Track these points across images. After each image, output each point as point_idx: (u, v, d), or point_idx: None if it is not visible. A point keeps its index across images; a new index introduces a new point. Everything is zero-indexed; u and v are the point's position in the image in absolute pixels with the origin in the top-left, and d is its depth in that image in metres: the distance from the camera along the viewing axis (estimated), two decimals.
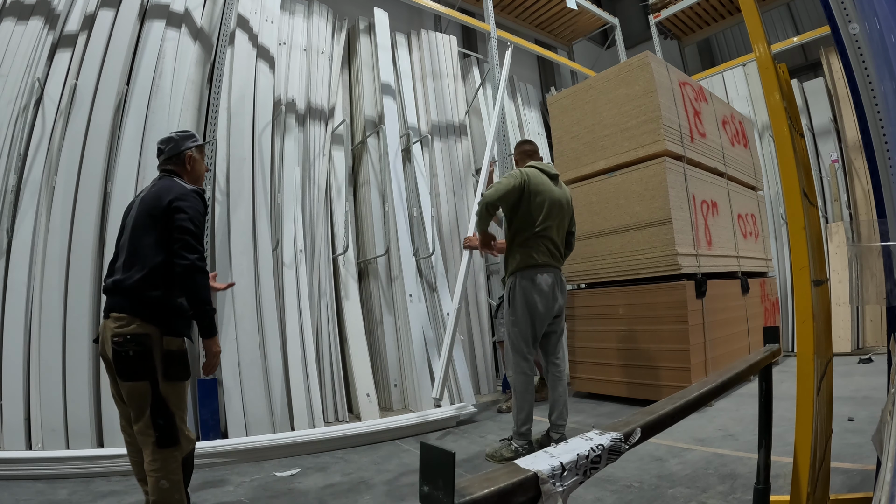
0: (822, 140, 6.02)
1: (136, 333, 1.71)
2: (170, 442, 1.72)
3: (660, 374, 3.68)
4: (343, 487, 2.42)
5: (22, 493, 2.31)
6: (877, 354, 4.79)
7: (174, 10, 3.69)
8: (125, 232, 1.87)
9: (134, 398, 1.72)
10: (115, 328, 1.71)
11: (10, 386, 2.79)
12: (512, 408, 2.87)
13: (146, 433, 1.71)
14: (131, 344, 1.70)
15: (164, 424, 1.71)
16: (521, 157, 3.19)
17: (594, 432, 0.75)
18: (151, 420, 1.70)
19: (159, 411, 1.71)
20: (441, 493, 0.48)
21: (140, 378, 1.70)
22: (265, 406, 3.30)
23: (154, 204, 1.82)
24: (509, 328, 2.87)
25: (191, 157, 2.02)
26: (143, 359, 1.70)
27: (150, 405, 1.70)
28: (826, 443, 1.78)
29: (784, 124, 1.50)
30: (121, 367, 1.71)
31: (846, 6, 1.47)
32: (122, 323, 1.72)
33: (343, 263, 4.25)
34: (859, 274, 1.35)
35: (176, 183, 1.89)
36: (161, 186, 1.88)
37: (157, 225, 1.80)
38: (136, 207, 1.89)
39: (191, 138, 2.04)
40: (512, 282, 2.87)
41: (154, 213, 1.80)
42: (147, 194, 1.90)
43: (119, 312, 1.74)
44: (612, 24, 7.52)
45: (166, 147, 2.00)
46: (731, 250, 4.44)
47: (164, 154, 2.00)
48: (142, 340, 1.71)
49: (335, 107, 4.57)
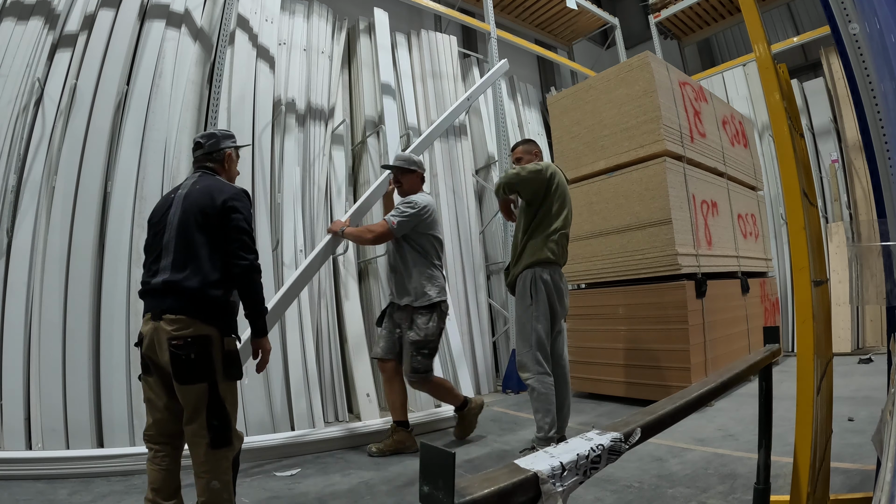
0: (822, 140, 6.02)
1: (198, 335, 1.67)
2: (224, 442, 1.69)
3: (660, 374, 3.68)
4: (343, 487, 2.42)
5: (22, 494, 2.31)
6: (877, 354, 4.79)
7: (174, 10, 3.69)
8: (168, 230, 1.78)
9: (190, 400, 1.68)
10: (173, 331, 1.66)
11: (10, 386, 2.78)
12: (536, 412, 2.68)
13: (200, 434, 1.67)
14: (193, 346, 1.65)
15: (218, 425, 1.68)
16: (533, 158, 3.08)
17: (594, 432, 0.75)
18: (207, 421, 1.67)
19: (216, 412, 1.68)
20: (441, 493, 0.48)
21: (200, 380, 1.66)
22: (265, 406, 3.30)
23: (206, 203, 1.77)
24: (529, 324, 2.71)
25: (230, 157, 2.00)
26: (204, 361, 1.67)
27: (206, 406, 1.67)
28: (826, 443, 1.78)
29: (784, 124, 1.50)
30: (181, 370, 1.65)
31: (846, 6, 1.47)
32: (180, 325, 1.66)
33: (343, 263, 4.25)
34: (859, 274, 1.35)
35: (224, 182, 1.88)
36: (209, 185, 1.83)
37: (210, 224, 1.75)
38: (178, 205, 1.81)
39: (231, 138, 2.03)
40: (531, 275, 2.75)
41: (208, 211, 1.76)
42: (192, 191, 1.83)
43: (176, 314, 1.67)
44: (612, 24, 7.52)
45: (206, 143, 1.96)
46: (731, 250, 4.45)
47: (203, 150, 1.96)
48: (203, 342, 1.67)
49: (335, 107, 4.57)
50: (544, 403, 2.63)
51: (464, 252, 4.95)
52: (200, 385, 1.66)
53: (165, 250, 1.76)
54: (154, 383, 1.75)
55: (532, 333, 2.70)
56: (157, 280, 1.73)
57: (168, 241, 1.77)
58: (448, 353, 4.22)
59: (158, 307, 1.70)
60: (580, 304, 4.28)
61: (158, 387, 1.75)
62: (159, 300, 1.71)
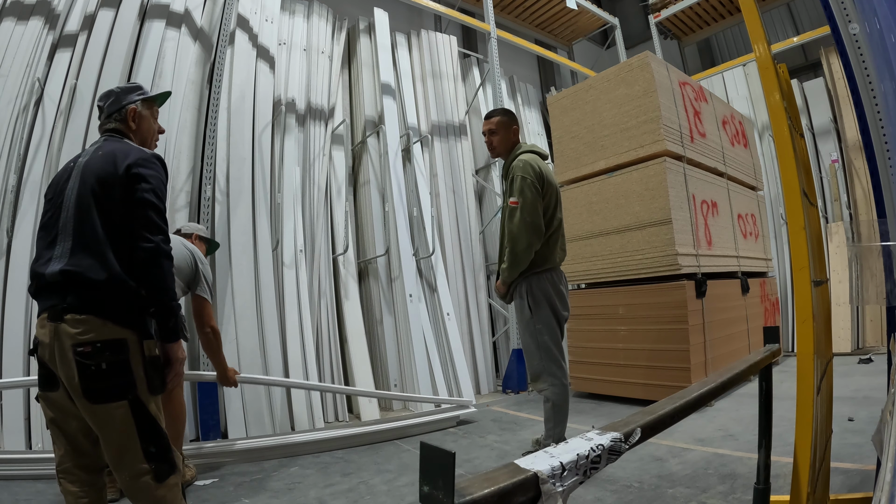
0: (822, 140, 6.02)
1: (111, 340, 1.33)
2: (169, 470, 1.38)
3: (660, 374, 3.68)
4: (343, 487, 2.42)
5: (22, 493, 2.31)
6: (877, 354, 4.79)
7: (174, 10, 3.69)
8: (65, 208, 1.42)
9: (110, 428, 1.31)
10: (79, 335, 1.30)
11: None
12: (547, 421, 2.55)
13: (139, 472, 1.33)
14: (104, 353, 1.31)
15: (157, 451, 1.36)
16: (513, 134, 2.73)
17: (594, 432, 0.75)
18: (143, 450, 1.33)
19: (150, 435, 1.35)
20: (441, 493, 0.48)
21: (117, 397, 1.31)
22: (265, 406, 3.30)
23: (108, 171, 1.41)
24: (536, 337, 2.54)
25: (135, 113, 1.60)
26: (120, 372, 1.33)
27: (136, 431, 1.33)
28: (826, 443, 1.78)
29: (784, 124, 1.50)
30: (90, 386, 1.30)
31: (846, 6, 1.47)
32: (86, 327, 1.31)
33: (343, 263, 4.25)
34: (859, 274, 1.35)
35: (131, 145, 1.52)
36: (111, 149, 1.47)
37: (112, 197, 1.40)
38: (76, 176, 1.45)
39: (136, 90, 1.65)
40: (525, 285, 2.56)
41: (109, 181, 1.40)
42: (92, 158, 1.47)
43: (79, 314, 1.32)
44: (612, 24, 7.52)
45: (106, 102, 1.61)
46: (731, 250, 4.45)
47: (104, 112, 1.61)
48: (117, 348, 1.33)
49: (335, 107, 4.57)
50: (557, 414, 2.50)
51: (464, 252, 4.95)
52: (118, 404, 1.31)
53: (62, 233, 1.40)
54: (60, 400, 1.37)
55: (539, 346, 2.54)
56: (53, 269, 1.35)
57: (65, 223, 1.40)
58: (448, 353, 4.23)
59: (58, 305, 1.33)
60: (580, 304, 4.27)
61: (67, 404, 1.36)
62: (59, 296, 1.34)
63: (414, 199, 4.59)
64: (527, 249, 2.48)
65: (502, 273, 2.62)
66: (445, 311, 4.37)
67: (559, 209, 2.65)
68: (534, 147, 2.70)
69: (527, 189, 2.49)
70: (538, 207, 2.50)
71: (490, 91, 5.54)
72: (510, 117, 2.77)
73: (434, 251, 4.42)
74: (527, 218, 2.47)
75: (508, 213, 2.58)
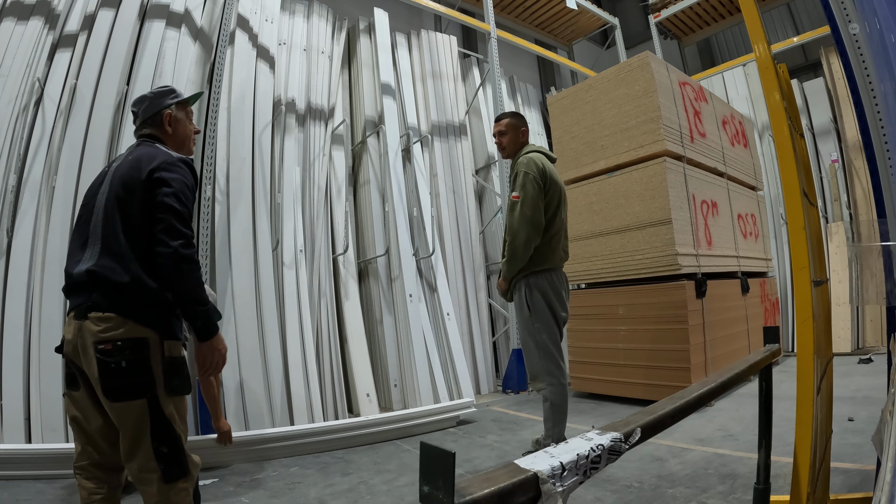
0: (822, 140, 6.02)
1: (131, 338, 1.36)
2: (179, 473, 1.38)
3: (660, 374, 3.68)
4: (343, 487, 2.42)
5: (22, 493, 2.31)
6: (877, 354, 4.79)
7: (174, 10, 3.69)
8: (96, 212, 1.47)
9: (128, 423, 1.35)
10: (100, 332, 1.34)
11: (10, 385, 2.78)
12: (546, 421, 2.58)
13: (147, 468, 1.36)
14: (124, 352, 1.34)
15: (168, 452, 1.37)
16: (522, 135, 2.79)
17: (594, 432, 0.75)
18: (153, 449, 1.36)
19: (163, 436, 1.37)
20: (441, 493, 0.48)
21: (136, 395, 1.35)
22: (265, 406, 3.30)
23: (133, 175, 1.44)
24: (535, 336, 2.56)
25: (170, 117, 1.63)
26: (140, 370, 1.36)
27: (149, 430, 1.36)
28: (826, 443, 1.78)
29: (784, 124, 1.50)
30: (110, 383, 1.34)
31: (846, 6, 1.47)
32: (108, 325, 1.35)
33: (343, 263, 4.25)
34: (859, 274, 1.35)
35: (159, 149, 1.53)
36: (139, 154, 1.51)
37: (134, 201, 1.43)
38: (107, 181, 1.51)
39: (170, 94, 1.66)
40: (524, 285, 2.58)
41: (133, 185, 1.43)
42: (122, 163, 1.51)
43: (103, 312, 1.36)
44: (612, 24, 7.52)
45: (140, 108, 1.63)
46: (731, 250, 4.45)
47: (139, 117, 1.64)
48: (138, 347, 1.36)
49: (335, 107, 4.57)
50: (556, 413, 2.52)
51: (464, 252, 4.95)
52: (138, 402, 1.35)
53: (92, 236, 1.45)
54: (82, 400, 1.42)
55: (537, 345, 2.56)
56: (81, 269, 1.41)
57: (95, 226, 1.45)
58: (448, 353, 4.23)
59: (84, 304, 1.38)
60: (580, 304, 4.28)
61: (88, 404, 1.42)
62: (85, 295, 1.39)
63: (414, 199, 4.59)
64: (525, 244, 2.50)
65: (502, 268, 2.66)
66: (445, 311, 4.37)
67: (562, 209, 2.66)
68: (542, 148, 2.75)
69: (529, 184, 2.53)
70: (539, 203, 2.52)
71: (490, 91, 5.54)
72: (519, 119, 2.83)
73: (434, 251, 4.42)
74: (527, 212, 2.50)
75: (510, 207, 2.62)
